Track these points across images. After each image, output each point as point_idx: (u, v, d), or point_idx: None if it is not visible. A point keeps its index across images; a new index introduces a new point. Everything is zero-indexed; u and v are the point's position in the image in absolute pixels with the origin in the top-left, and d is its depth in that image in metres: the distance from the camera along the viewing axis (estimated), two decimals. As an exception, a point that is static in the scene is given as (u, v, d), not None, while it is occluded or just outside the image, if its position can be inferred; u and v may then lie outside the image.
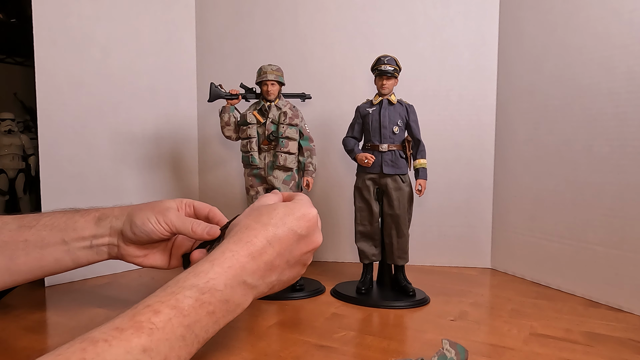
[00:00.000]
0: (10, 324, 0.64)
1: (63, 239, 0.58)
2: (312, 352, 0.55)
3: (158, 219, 0.58)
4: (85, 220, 0.59)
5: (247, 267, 0.43)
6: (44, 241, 0.57)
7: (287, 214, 0.49)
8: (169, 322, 0.36)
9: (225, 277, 0.42)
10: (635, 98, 0.71)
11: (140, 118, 0.99)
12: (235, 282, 0.42)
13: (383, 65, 0.76)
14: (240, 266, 0.43)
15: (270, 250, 0.46)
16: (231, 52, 1.07)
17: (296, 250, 0.48)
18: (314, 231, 0.51)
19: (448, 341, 0.48)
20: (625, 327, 0.65)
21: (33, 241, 0.57)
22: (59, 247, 0.58)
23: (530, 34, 0.90)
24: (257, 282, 0.45)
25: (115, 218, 0.59)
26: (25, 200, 1.66)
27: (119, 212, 0.60)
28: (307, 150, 0.83)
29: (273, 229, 0.47)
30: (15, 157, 1.61)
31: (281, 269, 0.47)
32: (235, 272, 0.42)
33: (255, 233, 0.46)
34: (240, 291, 0.43)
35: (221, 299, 0.41)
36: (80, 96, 0.89)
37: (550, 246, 0.86)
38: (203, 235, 0.57)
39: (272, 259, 0.46)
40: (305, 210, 0.50)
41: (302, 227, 0.49)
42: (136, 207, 0.60)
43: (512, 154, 0.95)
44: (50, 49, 0.84)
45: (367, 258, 0.81)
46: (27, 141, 1.65)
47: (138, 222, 0.58)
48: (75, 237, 0.58)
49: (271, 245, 0.46)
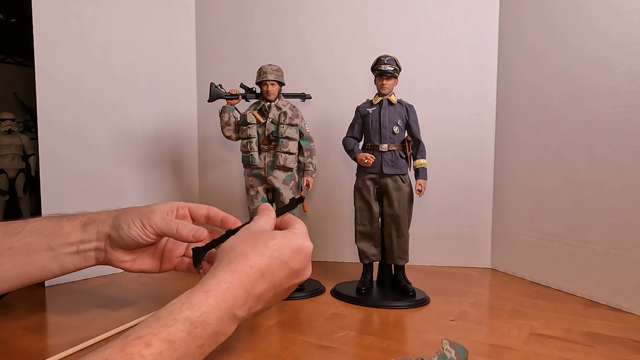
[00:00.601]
0: (10, 324, 0.64)
1: (49, 245, 0.57)
2: (312, 352, 0.55)
3: (143, 222, 0.57)
4: (72, 225, 0.58)
5: (239, 300, 0.43)
6: (29, 247, 0.56)
7: (284, 245, 0.48)
8: (160, 356, 0.36)
9: (218, 311, 0.41)
10: (635, 98, 0.71)
11: (140, 118, 0.99)
12: (225, 316, 0.42)
13: (383, 65, 0.76)
14: (233, 299, 0.43)
15: (262, 283, 0.45)
16: (231, 52, 1.07)
17: (286, 283, 0.48)
18: (306, 265, 0.50)
19: (448, 341, 0.48)
20: (625, 327, 0.65)
21: (18, 247, 0.56)
22: (45, 253, 0.57)
23: (530, 34, 0.90)
24: (244, 313, 0.45)
25: (101, 223, 0.59)
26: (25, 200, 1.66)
27: (106, 216, 0.59)
28: (307, 150, 0.83)
29: (268, 260, 0.46)
30: (15, 157, 1.61)
31: (267, 299, 0.47)
32: (228, 305, 0.42)
33: (250, 263, 0.45)
34: (228, 323, 0.43)
35: (211, 332, 0.41)
36: (80, 96, 0.89)
37: (550, 246, 0.86)
38: (189, 237, 0.56)
39: (262, 292, 0.46)
40: (302, 244, 0.49)
41: (296, 260, 0.48)
42: (122, 211, 0.59)
43: (512, 154, 0.95)
44: (50, 49, 0.84)
45: (367, 258, 0.81)
46: (27, 141, 1.65)
47: (124, 226, 0.57)
48: (62, 243, 0.57)
49: (264, 277, 0.46)
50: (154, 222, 0.57)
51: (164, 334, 0.37)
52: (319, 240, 1.06)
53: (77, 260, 0.59)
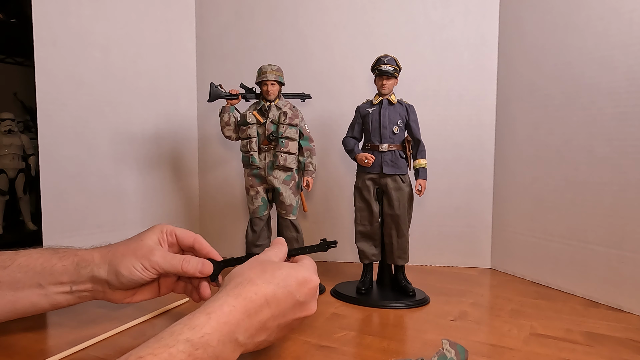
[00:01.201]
0: (10, 324, 0.64)
1: (39, 283, 0.55)
2: (312, 352, 0.55)
3: (144, 265, 0.56)
4: (63, 265, 0.56)
5: (241, 324, 0.43)
6: (18, 283, 0.54)
7: (290, 276, 0.48)
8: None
9: (220, 333, 0.41)
10: (635, 98, 0.71)
11: (140, 118, 0.99)
12: (227, 339, 0.42)
13: (383, 65, 0.76)
14: (235, 322, 0.42)
15: (266, 310, 0.45)
16: (231, 52, 1.07)
17: (290, 315, 0.48)
18: (311, 299, 0.50)
19: (448, 341, 0.48)
20: (625, 327, 0.65)
21: (6, 282, 0.54)
22: (34, 290, 0.55)
23: (530, 34, 0.90)
24: (247, 340, 0.44)
25: (96, 267, 0.57)
26: (25, 200, 1.66)
27: (100, 259, 0.57)
28: (307, 150, 0.83)
29: (274, 288, 0.46)
30: (15, 157, 1.62)
31: (271, 330, 0.47)
32: (230, 328, 0.42)
33: (256, 289, 0.45)
34: (230, 347, 0.42)
35: (212, 355, 0.40)
36: (80, 96, 0.89)
37: (550, 246, 0.86)
38: (195, 274, 0.56)
39: (266, 320, 0.45)
40: (309, 276, 0.49)
41: (302, 292, 0.48)
42: (117, 253, 0.57)
43: (512, 154, 0.95)
44: (50, 49, 0.84)
45: (367, 258, 0.81)
46: (27, 141, 1.65)
47: (124, 272, 0.56)
48: (53, 282, 0.56)
49: (269, 305, 0.45)
50: (156, 263, 0.56)
51: (164, 355, 0.37)
52: (319, 240, 1.06)
53: (70, 299, 0.58)
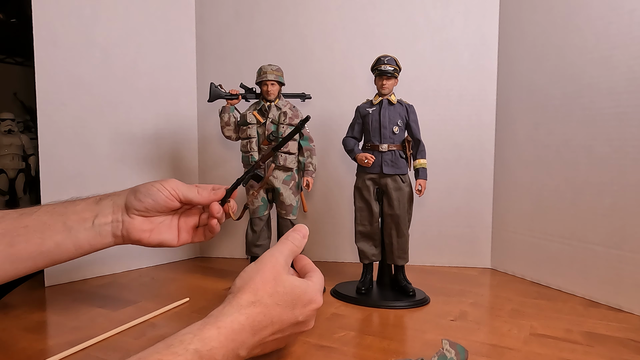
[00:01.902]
0: (10, 324, 0.64)
1: (64, 222, 0.57)
2: (312, 352, 0.55)
3: (163, 184, 0.60)
4: (86, 202, 0.60)
5: (245, 342, 0.44)
6: (44, 225, 0.56)
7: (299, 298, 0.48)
8: None
9: (226, 349, 0.42)
10: (635, 98, 0.71)
11: (140, 118, 0.99)
12: (231, 355, 0.43)
13: (383, 65, 0.76)
14: (241, 341, 0.44)
15: (269, 329, 0.46)
16: (231, 52, 1.07)
17: (288, 331, 0.49)
18: (311, 318, 0.51)
19: (448, 341, 0.48)
20: (625, 327, 0.65)
21: (33, 226, 0.56)
22: (59, 230, 0.57)
23: (530, 34, 0.90)
24: (247, 354, 0.45)
25: (116, 196, 0.60)
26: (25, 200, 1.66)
27: (121, 192, 0.61)
28: (307, 150, 0.83)
29: (281, 310, 0.47)
30: (15, 157, 1.62)
31: (267, 343, 0.48)
32: (235, 345, 0.43)
33: (265, 311, 0.46)
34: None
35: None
36: (80, 96, 0.89)
37: (550, 246, 0.86)
38: (210, 196, 0.61)
39: (266, 336, 0.46)
40: (314, 298, 0.50)
41: (304, 313, 0.49)
42: (141, 186, 0.61)
43: (512, 154, 0.95)
44: (50, 49, 0.84)
45: (367, 258, 0.81)
46: (27, 141, 1.65)
47: (142, 189, 0.59)
48: (76, 219, 0.58)
49: (273, 324, 0.47)
50: (174, 185, 0.61)
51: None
52: (319, 240, 1.06)
53: (92, 237, 0.58)
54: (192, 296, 0.77)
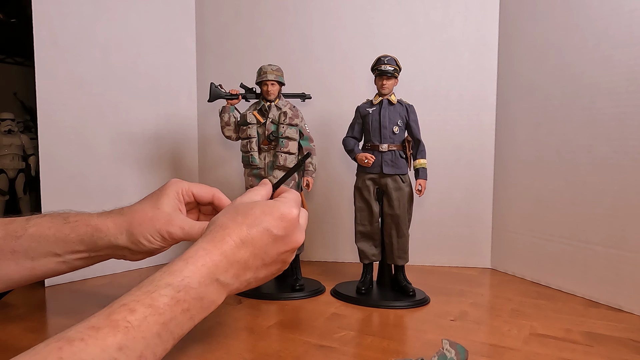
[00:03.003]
0: (10, 324, 0.64)
1: (55, 252, 0.56)
2: (312, 352, 0.55)
3: (163, 236, 0.56)
4: (77, 235, 0.56)
5: (220, 266, 0.43)
6: (34, 252, 0.55)
7: (265, 214, 0.47)
8: (145, 320, 0.37)
9: (199, 275, 0.42)
10: (635, 98, 0.71)
11: (140, 118, 0.99)
12: (208, 280, 0.42)
13: (383, 65, 0.76)
14: (212, 264, 0.43)
15: (243, 251, 0.45)
16: (231, 52, 1.07)
17: (272, 251, 0.47)
18: (292, 231, 0.49)
19: (448, 341, 0.48)
20: (625, 327, 0.65)
21: (22, 252, 0.54)
22: (51, 258, 0.56)
23: (530, 34, 0.90)
24: (230, 280, 0.44)
25: (113, 237, 0.56)
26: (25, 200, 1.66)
27: (115, 228, 0.56)
28: (307, 150, 0.83)
29: (247, 229, 0.46)
30: (15, 157, 1.61)
31: (256, 268, 0.47)
32: (208, 270, 0.42)
33: (229, 232, 0.45)
34: (213, 289, 0.43)
35: (195, 297, 0.41)
36: (80, 96, 0.89)
37: (550, 246, 0.86)
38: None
39: (246, 259, 0.45)
40: (285, 210, 0.48)
41: (279, 227, 0.47)
42: (134, 222, 0.56)
43: (512, 154, 0.95)
44: (50, 49, 0.84)
45: (367, 258, 0.81)
46: (27, 141, 1.65)
47: (144, 242, 0.56)
48: (69, 251, 0.56)
49: (245, 245, 0.45)
50: (176, 235, 0.56)
51: (147, 300, 0.38)
52: (319, 240, 1.06)
53: (90, 262, 0.59)
54: (192, 296, 0.77)
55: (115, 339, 0.34)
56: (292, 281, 0.82)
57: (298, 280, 0.82)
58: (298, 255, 0.84)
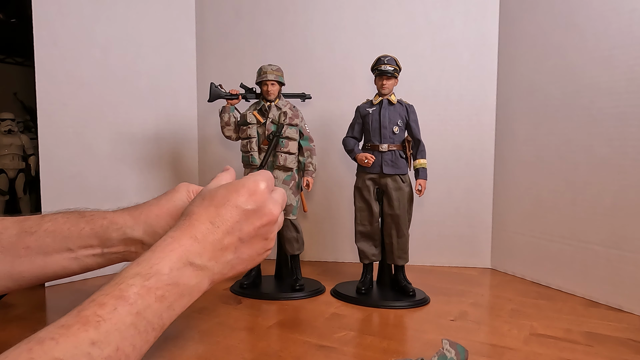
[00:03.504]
0: (10, 324, 0.64)
1: (68, 247, 0.55)
2: (312, 352, 0.55)
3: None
4: (92, 228, 0.56)
5: (191, 250, 0.42)
6: (47, 248, 0.54)
7: (231, 192, 0.46)
8: (115, 312, 0.36)
9: (169, 260, 0.41)
10: (635, 98, 0.71)
11: (140, 118, 0.99)
12: (180, 264, 0.41)
13: (383, 65, 0.76)
14: (183, 249, 0.42)
15: (215, 231, 0.44)
16: (231, 52, 1.07)
17: (247, 226, 0.46)
18: (263, 203, 0.47)
19: (448, 341, 0.48)
20: (625, 327, 0.65)
21: (35, 248, 0.54)
22: (64, 254, 0.55)
23: (530, 34, 0.90)
24: (207, 263, 0.43)
25: (129, 228, 0.56)
26: (25, 200, 1.66)
27: (132, 220, 0.56)
28: (307, 150, 0.83)
29: (215, 209, 0.45)
30: (15, 157, 1.61)
31: (235, 247, 0.45)
32: (178, 255, 0.41)
33: (196, 217, 0.45)
34: (188, 273, 0.42)
35: (169, 283, 0.40)
36: (80, 96, 0.89)
37: (550, 246, 0.86)
38: None
39: (220, 239, 0.44)
40: (250, 184, 0.47)
41: (248, 200, 0.46)
42: (151, 214, 0.56)
43: (512, 154, 0.95)
44: (50, 49, 0.84)
45: (367, 258, 0.81)
46: (27, 141, 1.65)
47: (161, 232, 0.55)
48: (82, 245, 0.55)
49: (215, 225, 0.44)
50: None
51: (115, 292, 0.37)
52: (319, 240, 1.06)
53: (101, 261, 0.57)
54: (192, 296, 0.77)
55: (87, 334, 0.34)
56: (292, 281, 0.82)
57: (298, 280, 0.82)
58: (298, 255, 0.85)
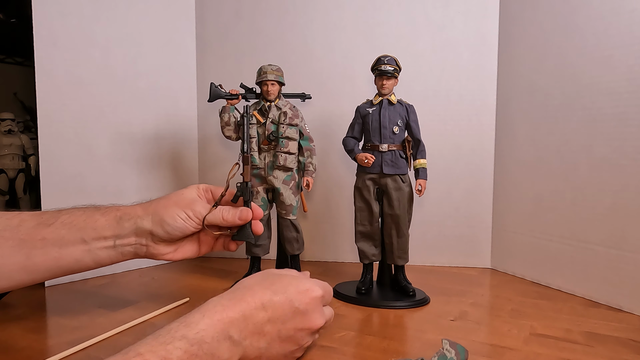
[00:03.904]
0: (10, 324, 0.64)
1: (83, 238, 0.56)
2: (312, 352, 0.55)
3: (188, 214, 0.58)
4: (106, 219, 0.58)
5: (235, 323, 0.43)
6: (62, 240, 0.56)
7: (291, 284, 0.48)
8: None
9: (214, 330, 0.42)
10: (635, 98, 0.71)
11: (140, 118, 0.99)
12: (222, 336, 0.42)
13: (383, 65, 0.76)
14: (229, 320, 0.43)
15: (262, 314, 0.45)
16: (231, 52, 1.07)
17: (290, 324, 0.47)
18: (313, 310, 0.49)
19: (448, 341, 0.48)
20: (625, 327, 0.65)
21: (51, 239, 0.55)
22: (78, 246, 0.56)
23: (530, 34, 0.90)
24: (243, 340, 0.44)
25: (140, 218, 0.58)
26: (25, 200, 1.66)
27: (142, 211, 0.59)
28: (307, 150, 0.83)
29: (271, 294, 0.46)
30: (15, 157, 1.61)
31: (271, 338, 0.46)
32: (223, 325, 0.42)
33: (252, 293, 0.46)
34: (225, 345, 0.42)
35: (208, 352, 0.41)
36: (80, 96, 0.89)
37: (550, 246, 0.86)
38: (235, 221, 0.61)
39: (263, 324, 0.45)
40: (310, 286, 0.49)
41: (302, 301, 0.47)
42: (160, 205, 0.59)
43: (512, 154, 0.95)
44: (50, 49, 0.84)
45: (367, 258, 0.81)
46: (27, 141, 1.65)
47: (169, 221, 0.58)
48: (96, 237, 0.57)
49: (264, 309, 0.45)
50: (199, 213, 0.59)
51: (162, 352, 0.37)
52: (319, 240, 1.06)
53: (113, 255, 0.59)
54: (192, 296, 0.77)
55: None
56: (292, 281, 0.82)
57: (298, 280, 0.82)
58: (298, 255, 0.85)
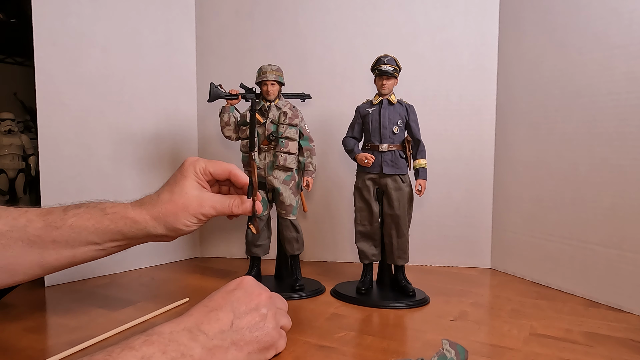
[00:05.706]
0: (10, 324, 0.64)
1: (95, 242, 0.58)
2: (312, 352, 0.55)
3: (198, 218, 0.60)
4: (116, 226, 0.58)
5: (188, 321, 0.47)
6: (74, 242, 0.57)
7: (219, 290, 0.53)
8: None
9: (169, 327, 0.45)
10: (635, 98, 0.71)
11: (140, 118, 0.99)
12: (180, 328, 0.45)
13: (383, 65, 0.76)
14: (182, 327, 0.46)
15: (207, 310, 0.49)
16: (231, 52, 1.07)
17: (233, 303, 0.50)
18: (247, 285, 0.53)
19: (448, 341, 0.48)
20: (625, 327, 0.65)
21: (62, 242, 0.57)
22: (91, 247, 0.58)
23: (530, 34, 0.90)
24: (200, 328, 0.46)
25: (152, 227, 0.59)
26: (25, 200, 1.66)
27: (152, 220, 0.59)
28: (307, 150, 0.83)
29: (207, 301, 0.51)
30: (15, 157, 1.61)
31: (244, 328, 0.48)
32: (181, 326, 0.46)
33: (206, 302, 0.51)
34: (187, 336, 0.45)
35: (171, 340, 0.43)
36: (80, 96, 0.89)
37: (550, 246, 0.86)
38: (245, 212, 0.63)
39: (215, 308, 0.49)
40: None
41: (230, 285, 0.52)
42: (168, 212, 0.59)
43: (512, 154, 0.95)
44: (50, 49, 0.84)
45: (367, 258, 0.81)
46: (27, 141, 1.65)
47: (182, 227, 0.60)
48: (108, 239, 0.59)
49: (206, 305, 0.50)
50: (210, 214, 0.61)
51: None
52: (319, 240, 1.06)
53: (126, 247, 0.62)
54: (192, 296, 0.77)
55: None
56: (292, 281, 0.82)
57: (298, 280, 0.82)
58: (298, 255, 0.85)
